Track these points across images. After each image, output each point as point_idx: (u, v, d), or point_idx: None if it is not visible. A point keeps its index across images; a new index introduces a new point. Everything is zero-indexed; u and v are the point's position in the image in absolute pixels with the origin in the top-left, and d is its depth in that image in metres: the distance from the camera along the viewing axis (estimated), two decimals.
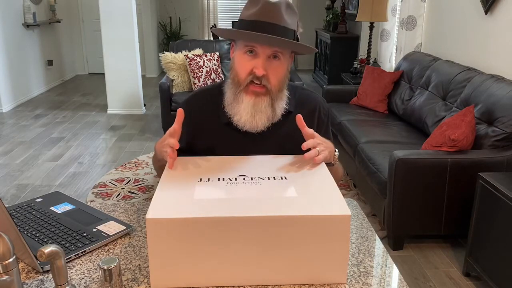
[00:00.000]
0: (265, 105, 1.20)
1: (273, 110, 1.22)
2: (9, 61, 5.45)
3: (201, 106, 1.32)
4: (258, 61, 1.16)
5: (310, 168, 1.08)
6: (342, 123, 3.46)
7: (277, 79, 1.19)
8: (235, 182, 1.00)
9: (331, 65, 6.31)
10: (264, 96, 1.19)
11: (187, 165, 1.10)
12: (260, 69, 1.15)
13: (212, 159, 1.14)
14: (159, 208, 0.88)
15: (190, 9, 7.90)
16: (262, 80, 1.17)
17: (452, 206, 2.41)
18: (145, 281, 0.94)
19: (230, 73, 1.24)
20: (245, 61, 1.18)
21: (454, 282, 2.26)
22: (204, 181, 1.00)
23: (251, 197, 0.93)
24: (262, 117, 1.20)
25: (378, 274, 0.98)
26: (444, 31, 3.69)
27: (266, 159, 1.15)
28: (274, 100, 1.21)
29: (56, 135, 4.51)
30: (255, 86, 1.18)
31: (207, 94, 1.36)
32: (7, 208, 0.95)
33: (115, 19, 5.00)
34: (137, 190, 3.29)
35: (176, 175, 1.04)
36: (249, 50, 1.17)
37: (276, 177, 1.02)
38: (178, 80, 4.47)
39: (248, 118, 1.20)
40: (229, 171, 1.06)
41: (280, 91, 1.22)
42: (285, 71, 1.22)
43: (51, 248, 0.80)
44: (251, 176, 1.03)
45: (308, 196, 0.94)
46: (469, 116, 2.47)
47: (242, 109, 1.20)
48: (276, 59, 1.18)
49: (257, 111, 1.20)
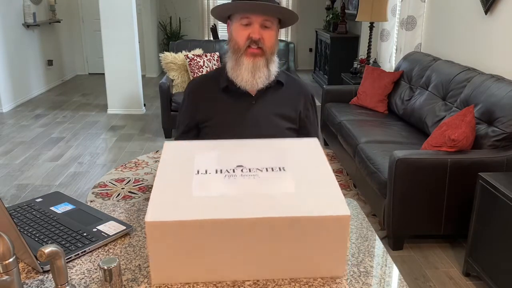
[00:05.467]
0: (262, 64, 1.42)
1: (268, 71, 1.44)
2: (9, 61, 5.45)
3: (201, 82, 1.56)
4: (254, 28, 1.39)
5: (309, 156, 1.07)
6: (342, 123, 3.46)
7: (270, 43, 1.42)
8: (233, 175, 0.99)
9: (331, 65, 6.31)
10: (260, 57, 1.41)
11: (184, 152, 1.08)
12: (256, 34, 1.38)
13: (209, 144, 1.14)
14: (158, 210, 0.88)
15: (190, 9, 7.90)
16: (258, 43, 1.39)
17: (452, 206, 2.41)
18: (145, 281, 0.94)
19: (229, 44, 1.46)
20: (242, 30, 1.41)
21: (454, 282, 2.26)
22: (202, 174, 0.99)
23: (249, 194, 0.92)
24: (261, 76, 1.42)
25: (378, 274, 0.98)
26: (444, 31, 3.69)
27: (263, 145, 1.14)
28: (268, 61, 1.43)
29: (56, 135, 4.52)
30: (253, 49, 1.40)
31: (207, 73, 1.62)
32: (7, 208, 0.95)
33: (115, 19, 5.00)
34: (137, 190, 3.29)
35: (173, 167, 1.02)
36: (245, 23, 1.39)
37: (274, 168, 1.01)
38: (178, 80, 4.48)
39: (249, 78, 1.42)
40: (227, 161, 1.04)
41: (272, 54, 1.45)
42: (275, 38, 1.45)
43: (51, 248, 0.80)
44: (249, 167, 1.01)
45: (306, 192, 0.94)
46: (469, 116, 2.47)
47: (244, 70, 1.41)
48: (267, 28, 1.41)
49: (256, 70, 1.41)
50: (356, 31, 6.31)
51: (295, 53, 7.03)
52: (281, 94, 1.51)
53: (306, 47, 8.18)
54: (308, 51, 8.22)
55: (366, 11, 4.36)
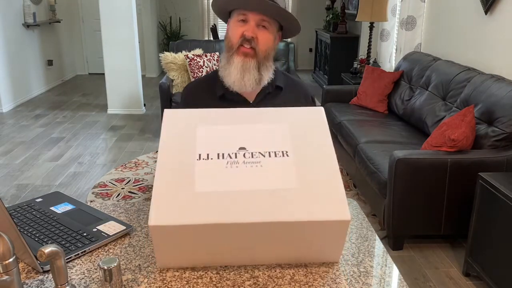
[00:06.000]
0: (252, 66, 1.34)
1: (259, 74, 1.36)
2: (9, 61, 5.45)
3: (197, 88, 1.51)
4: (249, 26, 1.32)
5: (313, 138, 1.03)
6: (342, 123, 3.46)
7: (265, 46, 1.34)
8: (235, 161, 0.96)
9: (331, 65, 6.31)
10: (252, 58, 1.34)
11: (185, 126, 1.04)
12: (249, 32, 1.31)
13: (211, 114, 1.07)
14: (161, 211, 0.88)
15: (190, 9, 7.90)
16: (251, 42, 1.32)
17: (452, 206, 2.41)
18: (145, 281, 0.94)
19: (225, 42, 1.40)
20: (237, 27, 1.34)
21: (454, 282, 2.26)
22: (203, 159, 0.96)
23: (251, 191, 0.92)
24: (250, 78, 1.34)
25: (378, 274, 0.98)
26: (444, 31, 3.69)
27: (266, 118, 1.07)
28: (260, 64, 1.35)
29: (56, 135, 4.52)
30: (245, 48, 1.33)
31: (202, 78, 1.56)
32: (7, 208, 0.95)
33: (115, 19, 5.00)
34: (137, 190, 3.29)
35: (174, 148, 0.99)
36: (241, 19, 1.33)
37: (277, 153, 0.98)
38: (178, 80, 4.48)
39: (237, 78, 1.34)
40: (229, 141, 1.01)
41: (266, 59, 1.37)
42: (272, 42, 1.37)
43: (51, 248, 0.80)
44: (251, 152, 0.98)
45: (309, 189, 0.93)
46: (469, 116, 2.47)
47: (233, 68, 1.35)
48: (264, 29, 1.34)
49: (245, 71, 1.34)
50: (356, 31, 6.31)
51: (295, 53, 7.03)
52: (280, 99, 1.45)
53: (306, 47, 8.19)
54: (308, 51, 8.23)
55: (366, 11, 4.36)
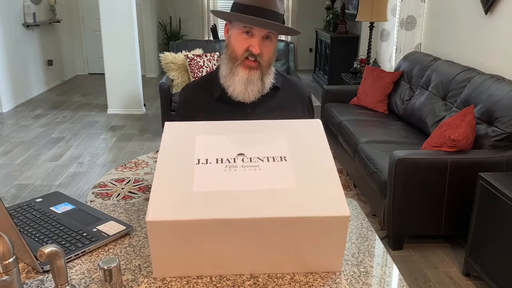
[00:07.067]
0: (256, 78, 1.38)
1: (262, 83, 1.40)
2: (9, 61, 5.45)
3: (195, 88, 1.51)
4: (254, 41, 1.33)
5: (311, 143, 1.05)
6: (342, 123, 3.46)
7: (268, 56, 1.38)
8: (234, 165, 0.97)
9: (331, 65, 6.31)
10: (256, 70, 1.37)
11: (185, 135, 1.06)
12: (256, 48, 1.33)
13: (210, 126, 1.11)
14: (158, 208, 0.89)
15: (190, 9, 7.90)
16: (257, 57, 1.34)
17: (452, 206, 2.41)
18: (145, 281, 0.94)
19: (227, 49, 1.40)
20: (242, 40, 1.35)
21: (454, 282, 2.26)
22: (202, 164, 0.98)
23: (250, 191, 0.92)
24: (253, 89, 1.38)
25: (378, 274, 0.98)
26: (444, 31, 3.69)
27: (265, 128, 1.11)
28: (264, 74, 1.39)
29: (56, 135, 4.51)
30: (250, 61, 1.35)
31: (200, 79, 1.56)
32: (7, 208, 0.95)
33: (115, 19, 5.00)
34: (137, 190, 3.29)
35: (173, 154, 1.00)
36: (246, 31, 1.34)
37: (276, 158, 1.00)
38: (178, 80, 4.48)
39: (241, 90, 1.37)
40: (228, 147, 1.02)
41: (269, 67, 1.41)
42: (274, 49, 1.42)
43: (51, 248, 0.80)
44: (249, 156, 1.00)
45: (307, 188, 0.93)
46: (469, 116, 2.47)
47: (237, 80, 1.37)
48: (268, 40, 1.36)
49: (249, 83, 1.37)
50: (356, 31, 6.31)
51: (295, 53, 7.03)
52: (277, 99, 1.47)
53: (306, 47, 8.18)
54: (308, 51, 8.23)
55: (366, 11, 4.36)
